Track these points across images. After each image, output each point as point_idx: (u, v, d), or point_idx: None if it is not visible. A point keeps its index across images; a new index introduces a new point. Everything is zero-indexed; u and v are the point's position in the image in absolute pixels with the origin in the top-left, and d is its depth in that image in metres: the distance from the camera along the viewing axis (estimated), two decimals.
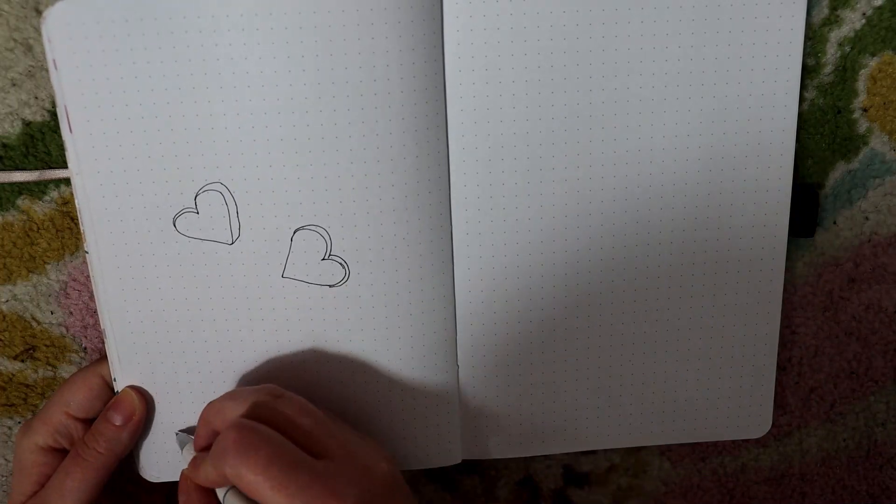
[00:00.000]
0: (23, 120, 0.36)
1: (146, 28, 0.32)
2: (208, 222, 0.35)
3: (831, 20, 0.37)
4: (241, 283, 0.36)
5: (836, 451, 0.46)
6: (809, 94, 0.39)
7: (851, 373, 0.44)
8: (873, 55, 0.38)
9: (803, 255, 0.41)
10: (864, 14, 0.37)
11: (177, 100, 0.33)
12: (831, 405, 0.45)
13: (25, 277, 0.38)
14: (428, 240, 0.36)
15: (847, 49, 0.38)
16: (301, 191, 0.34)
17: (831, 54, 0.38)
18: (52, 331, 0.39)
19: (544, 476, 0.45)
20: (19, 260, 0.38)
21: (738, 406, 0.41)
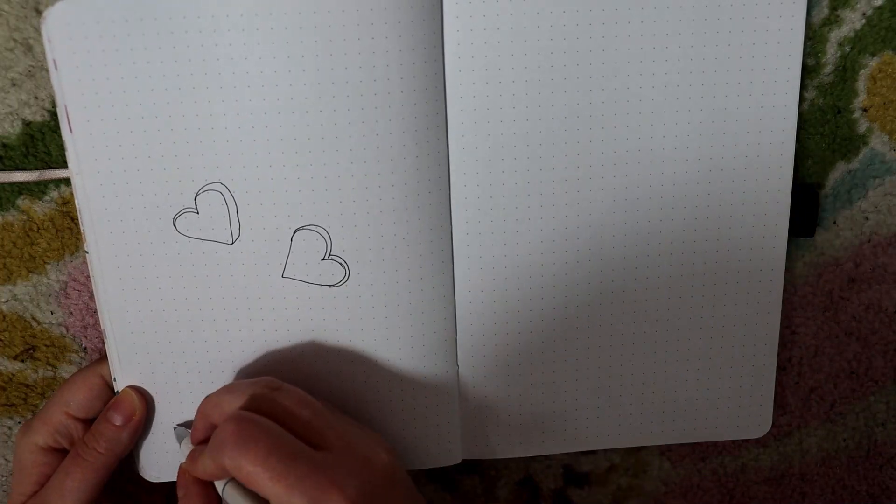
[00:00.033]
0: (23, 120, 0.36)
1: (146, 28, 0.32)
2: (208, 222, 0.35)
3: (831, 20, 0.37)
4: (241, 283, 0.36)
5: (836, 451, 0.46)
6: (809, 94, 0.39)
7: (851, 373, 0.44)
8: (873, 55, 0.38)
9: (803, 255, 0.41)
10: (864, 14, 0.37)
11: (177, 100, 0.33)
12: (831, 405, 0.45)
13: (25, 277, 0.38)
14: (428, 240, 0.36)
15: (847, 49, 0.38)
16: (301, 191, 0.34)
17: (831, 54, 0.38)
18: (52, 331, 0.39)
19: (544, 476, 0.45)
20: (19, 260, 0.38)
21: (738, 406, 0.41)
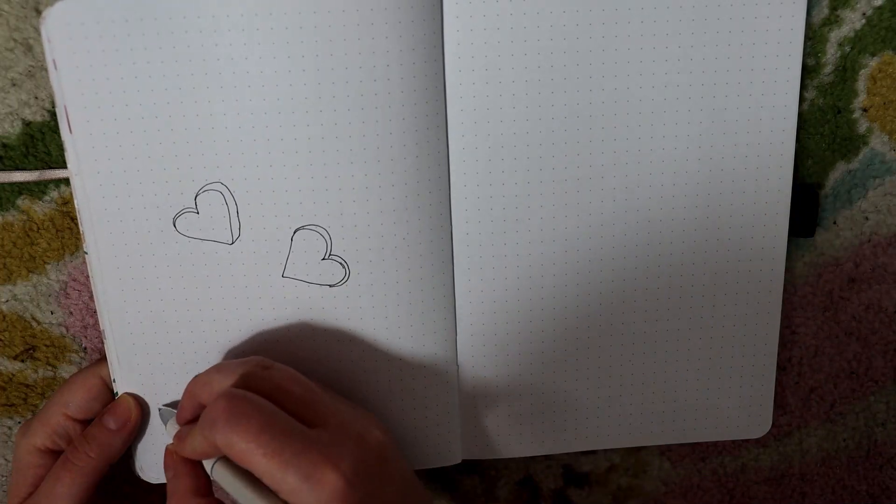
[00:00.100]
0: (23, 120, 0.36)
1: (146, 28, 0.32)
2: (208, 222, 0.35)
3: (831, 20, 0.37)
4: (242, 283, 0.36)
5: (836, 451, 0.46)
6: (809, 94, 0.39)
7: (851, 373, 0.44)
8: (873, 55, 0.38)
9: (803, 255, 0.41)
10: (864, 14, 0.37)
11: (177, 100, 0.33)
12: (831, 405, 0.45)
13: (25, 277, 0.38)
14: (428, 240, 0.36)
15: (847, 49, 0.38)
16: (301, 191, 0.34)
17: (831, 54, 0.38)
18: (52, 331, 0.39)
19: (544, 476, 0.45)
20: (19, 260, 0.38)
21: (738, 406, 0.41)
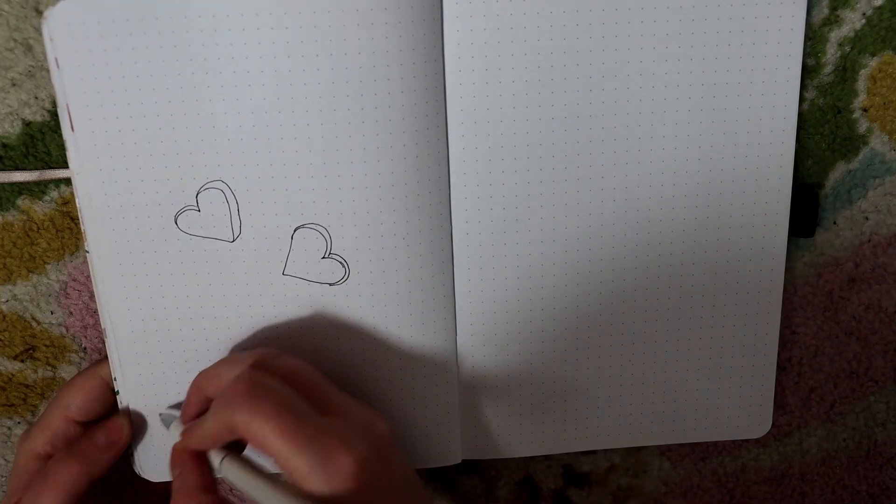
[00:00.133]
0: (23, 120, 0.36)
1: (147, 27, 0.32)
2: (209, 220, 0.35)
3: (831, 20, 0.37)
4: (243, 281, 0.36)
5: (836, 451, 0.46)
6: (809, 94, 0.39)
7: (851, 373, 0.44)
8: (873, 55, 0.38)
9: (803, 255, 0.41)
10: (864, 14, 0.37)
11: (178, 98, 0.33)
12: (831, 405, 0.45)
13: (25, 277, 0.38)
14: (428, 239, 0.36)
15: (847, 49, 0.38)
16: (301, 189, 0.34)
17: (831, 54, 0.38)
18: (52, 331, 0.39)
19: (544, 476, 0.45)
20: (19, 260, 0.38)
21: (738, 406, 0.41)
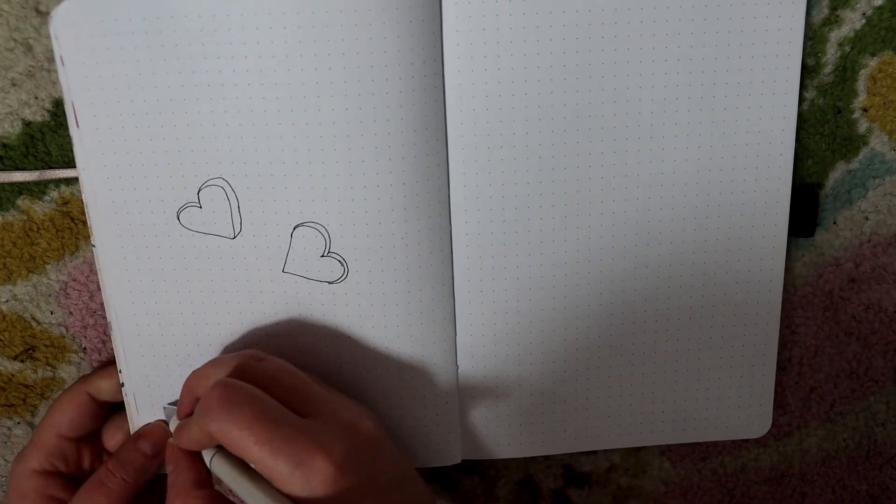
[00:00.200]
0: (23, 120, 0.36)
1: (149, 26, 0.32)
2: (211, 216, 0.35)
3: (831, 20, 0.37)
4: (243, 277, 0.36)
5: (836, 451, 0.46)
6: (809, 94, 0.39)
7: (851, 373, 0.44)
8: (873, 55, 0.38)
9: (803, 255, 0.41)
10: (864, 14, 0.37)
11: (180, 97, 0.33)
12: (831, 405, 0.45)
13: (25, 277, 0.38)
14: (427, 239, 0.36)
15: (847, 49, 0.38)
16: (300, 188, 0.35)
17: (831, 54, 0.38)
18: (52, 331, 0.39)
19: (544, 476, 0.45)
20: (19, 260, 0.38)
21: (738, 406, 0.41)
